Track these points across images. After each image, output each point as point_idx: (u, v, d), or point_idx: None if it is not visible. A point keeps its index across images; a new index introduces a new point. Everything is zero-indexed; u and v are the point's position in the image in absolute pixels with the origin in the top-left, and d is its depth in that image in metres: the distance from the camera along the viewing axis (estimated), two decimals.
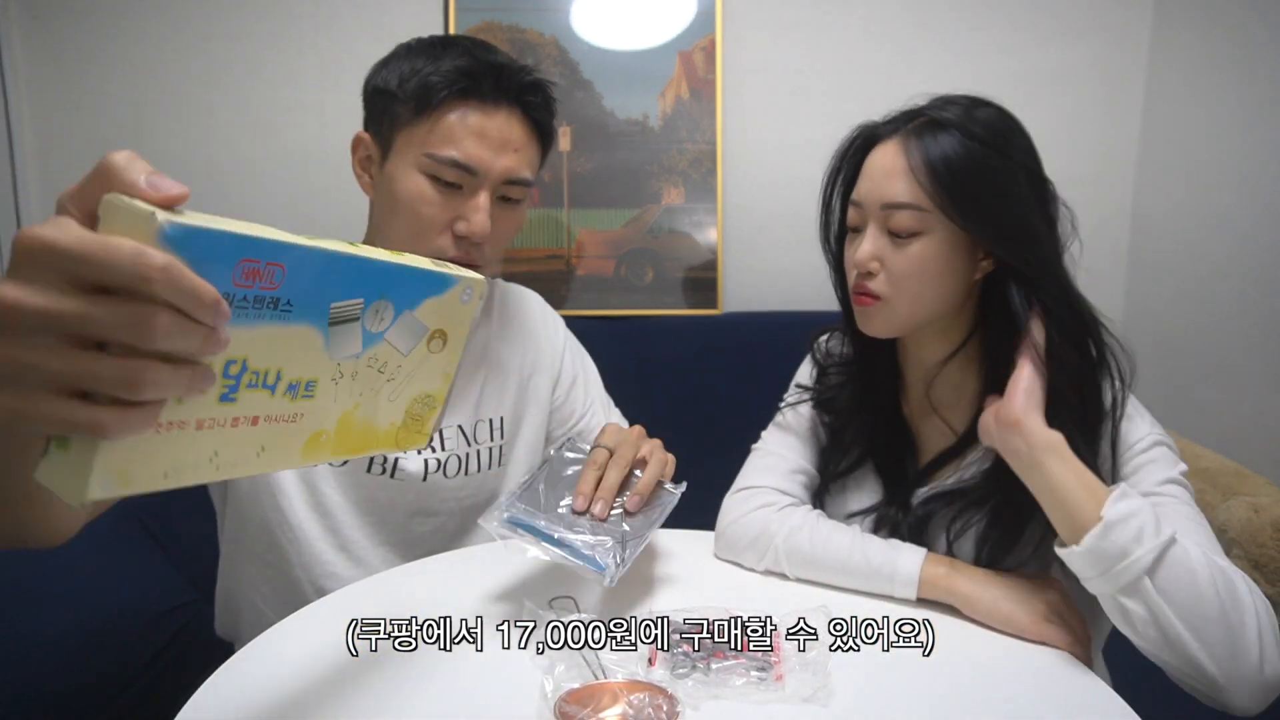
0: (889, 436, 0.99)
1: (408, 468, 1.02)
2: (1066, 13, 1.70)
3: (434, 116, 0.92)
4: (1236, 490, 1.14)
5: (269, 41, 1.70)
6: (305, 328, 0.54)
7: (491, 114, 0.93)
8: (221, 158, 1.73)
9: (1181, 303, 1.61)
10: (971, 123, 0.85)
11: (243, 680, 0.72)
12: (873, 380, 1.00)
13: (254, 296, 0.49)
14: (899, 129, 0.88)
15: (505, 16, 1.70)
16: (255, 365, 0.51)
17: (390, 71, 0.95)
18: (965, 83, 0.96)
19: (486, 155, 0.93)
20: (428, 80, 0.91)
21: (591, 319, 1.71)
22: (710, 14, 1.70)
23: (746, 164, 1.76)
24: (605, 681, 0.68)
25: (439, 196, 0.93)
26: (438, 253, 0.94)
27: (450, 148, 0.92)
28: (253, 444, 0.54)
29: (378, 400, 0.65)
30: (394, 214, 0.95)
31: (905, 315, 0.90)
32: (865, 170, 0.90)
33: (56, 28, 1.68)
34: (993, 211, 0.84)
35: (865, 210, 0.89)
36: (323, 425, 0.60)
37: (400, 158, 0.94)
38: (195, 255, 0.43)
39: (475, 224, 0.93)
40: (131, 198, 0.40)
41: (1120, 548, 0.71)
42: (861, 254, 0.88)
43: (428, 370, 0.67)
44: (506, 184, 0.96)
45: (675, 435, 1.01)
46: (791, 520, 0.92)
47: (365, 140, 1.00)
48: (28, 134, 1.70)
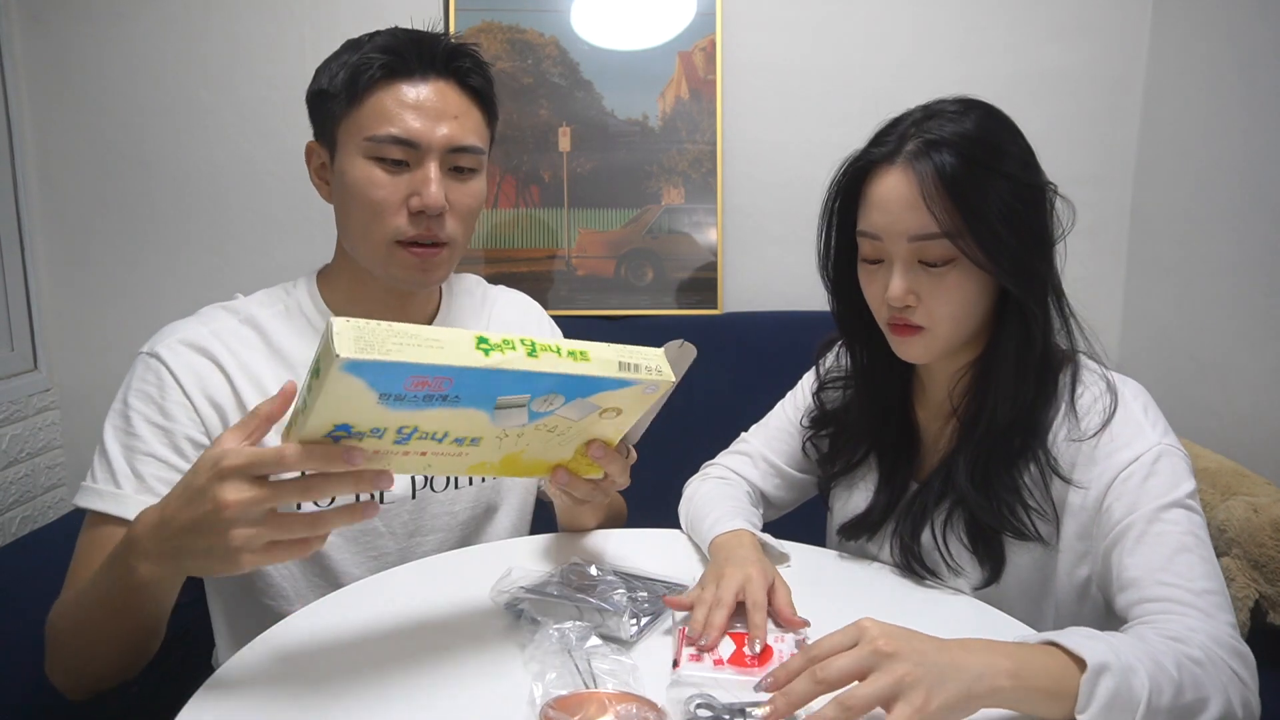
0: (896, 437, 1.00)
1: (394, 490, 1.00)
2: (1066, 13, 1.70)
3: (366, 100, 0.92)
4: (1236, 490, 1.14)
5: (269, 42, 1.70)
6: (472, 410, 0.63)
7: (421, 86, 0.93)
8: (221, 158, 1.73)
9: (1181, 303, 1.61)
10: (965, 140, 0.83)
11: (227, 696, 0.72)
12: (886, 390, 1.00)
13: (424, 395, 0.59)
14: (897, 153, 0.86)
15: (505, 17, 1.70)
16: (424, 430, 0.63)
17: (323, 74, 0.97)
18: (965, 83, 0.96)
19: (424, 126, 0.92)
20: (355, 68, 0.92)
21: (591, 319, 1.71)
22: (710, 14, 1.70)
23: (746, 164, 1.76)
24: (594, 691, 0.67)
25: (387, 177, 0.93)
26: (396, 234, 0.94)
27: (386, 125, 0.92)
28: (421, 464, 0.68)
29: (546, 446, 0.72)
30: (350, 206, 0.95)
31: (947, 341, 0.89)
32: (874, 200, 0.87)
33: (56, 28, 1.68)
34: (1000, 229, 0.83)
35: (886, 244, 0.86)
36: (486, 459, 0.70)
37: (345, 150, 0.95)
38: (372, 378, 0.56)
39: (428, 197, 0.92)
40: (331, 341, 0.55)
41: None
42: (896, 290, 0.86)
43: (601, 427, 0.72)
44: (453, 153, 0.95)
45: (675, 435, 1.01)
46: (703, 488, 1.04)
47: (315, 148, 1.01)
48: (28, 134, 1.70)
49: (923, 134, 0.85)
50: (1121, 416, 0.85)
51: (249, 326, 0.99)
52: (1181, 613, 0.73)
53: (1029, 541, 0.87)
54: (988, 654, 0.64)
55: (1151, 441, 0.83)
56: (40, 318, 1.74)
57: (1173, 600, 0.75)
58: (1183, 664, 0.67)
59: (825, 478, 1.06)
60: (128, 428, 0.91)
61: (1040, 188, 0.87)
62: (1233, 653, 0.71)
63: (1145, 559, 0.78)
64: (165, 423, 0.92)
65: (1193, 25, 1.60)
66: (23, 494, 1.69)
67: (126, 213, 1.74)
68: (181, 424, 0.92)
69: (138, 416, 0.91)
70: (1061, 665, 0.64)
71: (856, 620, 0.65)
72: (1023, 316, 0.87)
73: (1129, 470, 0.82)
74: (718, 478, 1.09)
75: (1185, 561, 0.77)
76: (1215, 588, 0.75)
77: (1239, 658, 0.71)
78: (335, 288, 1.03)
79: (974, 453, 0.89)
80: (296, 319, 1.01)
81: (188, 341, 0.95)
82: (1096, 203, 1.75)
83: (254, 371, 0.96)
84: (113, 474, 0.89)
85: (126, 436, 0.91)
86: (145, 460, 0.90)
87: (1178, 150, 1.64)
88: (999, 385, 0.88)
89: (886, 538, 0.97)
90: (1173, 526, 0.78)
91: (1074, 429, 0.87)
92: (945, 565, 0.91)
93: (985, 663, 0.63)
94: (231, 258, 1.75)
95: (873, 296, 0.91)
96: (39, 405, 1.73)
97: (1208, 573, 0.76)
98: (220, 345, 0.96)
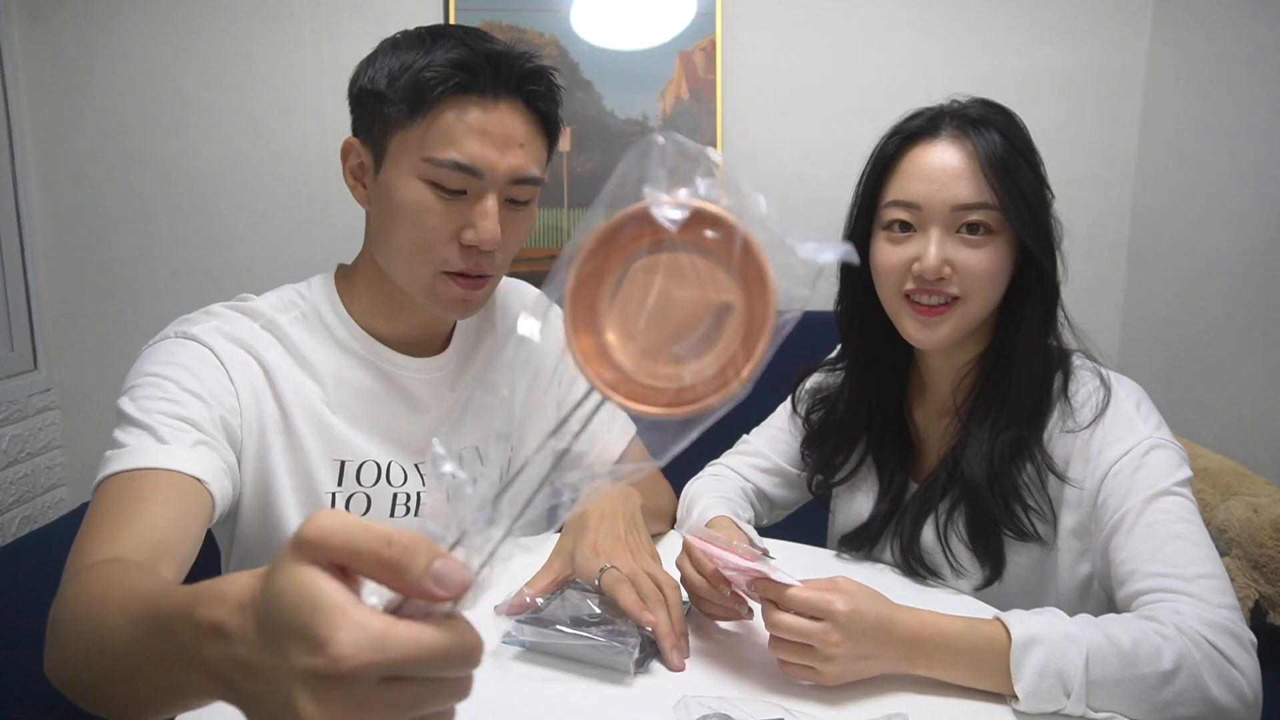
0: (895, 440, 1.00)
1: (430, 500, 0.98)
2: (1066, 13, 1.70)
3: (429, 116, 0.84)
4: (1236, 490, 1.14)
5: (269, 42, 1.70)
6: None
7: (492, 108, 0.85)
8: (221, 158, 1.72)
9: (1181, 303, 1.61)
10: (1007, 125, 0.87)
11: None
12: (885, 392, 1.00)
13: None
14: (939, 128, 0.88)
15: (505, 17, 1.70)
16: None
17: (378, 70, 0.87)
18: (966, 83, 0.96)
19: (490, 154, 0.85)
20: (419, 77, 0.83)
21: None
22: (710, 14, 1.70)
23: (746, 164, 1.75)
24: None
25: (442, 205, 0.85)
26: (443, 265, 0.88)
27: (450, 149, 0.84)
28: None
29: None
30: (394, 226, 0.88)
31: (971, 320, 0.89)
32: (915, 170, 0.88)
33: (56, 28, 1.68)
34: (1035, 211, 0.87)
35: (925, 212, 0.87)
36: None
37: (396, 164, 0.86)
38: None
39: (484, 232, 0.85)
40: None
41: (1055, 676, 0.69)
42: (932, 259, 0.86)
43: None
44: (514, 184, 0.87)
45: None
46: (694, 485, 1.06)
47: (355, 147, 0.91)
48: (28, 134, 1.70)
49: (960, 115, 0.88)
50: (1114, 412, 0.86)
51: (270, 332, 0.92)
52: (1172, 600, 0.74)
53: (1028, 541, 0.87)
54: (923, 628, 0.72)
55: (1143, 435, 0.84)
56: (40, 318, 1.74)
57: (1164, 590, 0.75)
58: (1143, 639, 0.69)
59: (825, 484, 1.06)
60: (163, 394, 0.80)
61: (1046, 186, 0.90)
62: (1221, 631, 0.71)
63: (1137, 549, 0.79)
64: (207, 395, 0.82)
65: (1193, 25, 1.60)
66: (23, 494, 1.69)
67: (126, 212, 1.74)
68: (221, 405, 0.83)
69: (174, 385, 0.81)
70: (1001, 640, 0.70)
71: (834, 581, 0.73)
72: (1044, 300, 0.88)
73: (1120, 464, 0.83)
74: (711, 475, 1.09)
75: (1176, 549, 0.77)
76: (1209, 571, 0.75)
77: (1228, 636, 0.71)
78: (358, 296, 0.96)
79: (981, 445, 0.89)
80: (315, 326, 0.94)
81: (228, 334, 0.88)
82: (1096, 203, 1.75)
83: (291, 377, 0.90)
84: (152, 432, 0.77)
85: (162, 402, 0.79)
86: (185, 427, 0.79)
87: (1178, 150, 1.64)
88: (1023, 372, 0.89)
89: (887, 541, 0.97)
90: (1163, 515, 0.79)
91: (1068, 420, 0.87)
92: (948, 565, 0.91)
93: (915, 641, 0.72)
94: (231, 257, 1.75)
95: (893, 271, 0.89)
96: (39, 405, 1.73)
97: (1201, 557, 0.77)
98: (256, 342, 0.89)
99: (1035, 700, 0.68)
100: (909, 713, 0.68)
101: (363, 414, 0.94)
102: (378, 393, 0.95)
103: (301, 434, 0.90)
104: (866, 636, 0.71)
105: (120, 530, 0.70)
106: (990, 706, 0.71)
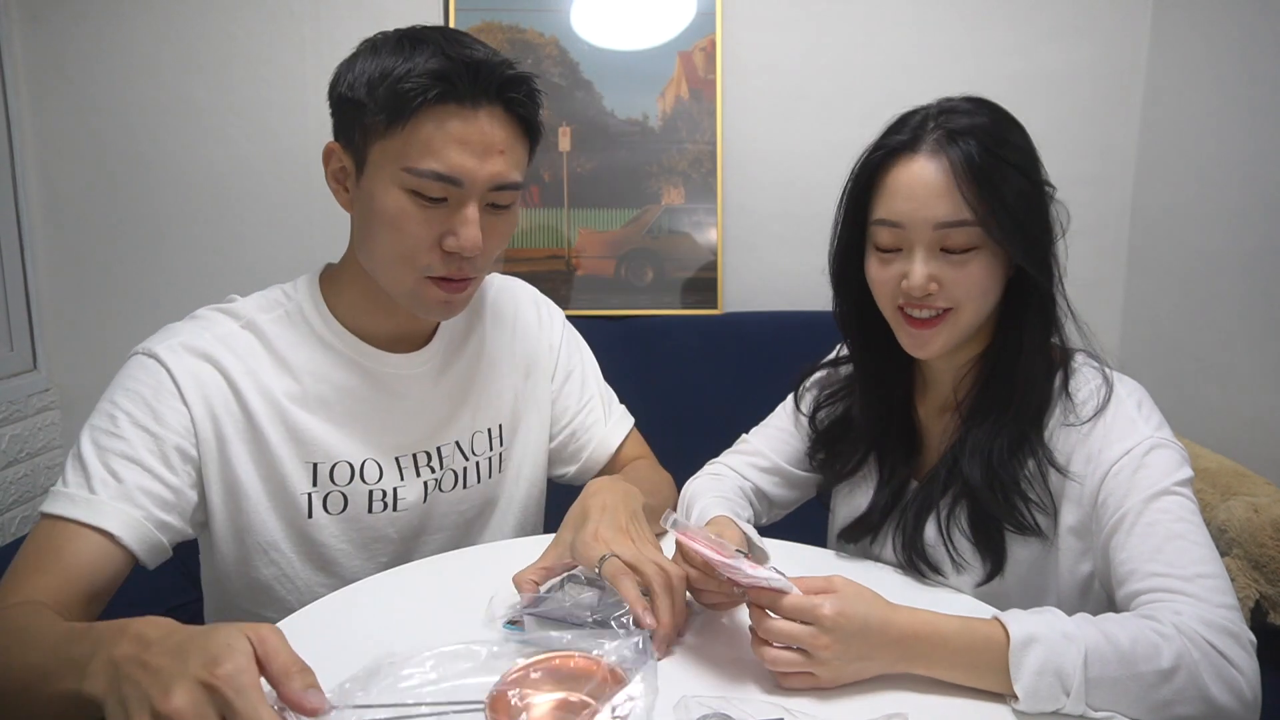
0: (897, 435, 1.00)
1: (408, 496, 0.99)
2: (1066, 13, 1.70)
3: (409, 127, 0.84)
4: (1236, 490, 1.14)
5: (268, 42, 1.70)
6: None
7: (471, 117, 0.85)
8: (222, 158, 1.73)
9: (1181, 303, 1.61)
10: (985, 132, 0.85)
11: None
12: (889, 389, 1.00)
13: None
14: (919, 142, 0.86)
15: (505, 16, 1.70)
16: None
17: (357, 75, 0.87)
18: (966, 83, 0.96)
19: (470, 163, 0.85)
20: (398, 87, 0.83)
21: (591, 319, 1.71)
22: (710, 14, 1.70)
23: (746, 164, 1.76)
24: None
25: (423, 213, 0.86)
26: (426, 270, 0.89)
27: (430, 159, 0.84)
28: None
29: None
30: (376, 233, 0.89)
31: (964, 330, 0.89)
32: (896, 188, 0.87)
33: (56, 28, 1.68)
34: (1021, 220, 0.85)
35: (908, 232, 0.87)
36: None
37: (377, 172, 0.87)
38: None
39: (466, 239, 0.87)
40: None
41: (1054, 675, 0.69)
42: (918, 278, 0.86)
43: None
44: (495, 190, 0.88)
45: (675, 435, 1.01)
46: (694, 485, 1.06)
47: (337, 151, 0.91)
48: (28, 134, 1.70)
49: (942, 126, 0.86)
50: (1115, 412, 0.86)
51: (250, 332, 0.94)
52: (1172, 599, 0.74)
53: (1028, 536, 0.87)
54: (922, 629, 0.72)
55: (1143, 435, 0.84)
56: (40, 318, 1.74)
57: (1164, 589, 0.75)
58: (1141, 637, 0.69)
59: (828, 482, 1.06)
60: (113, 429, 0.85)
61: (1044, 184, 0.89)
62: (1220, 631, 0.71)
63: (1137, 549, 0.79)
64: (156, 428, 0.86)
65: (1193, 25, 1.60)
66: (22, 494, 1.69)
67: (126, 213, 1.74)
68: (173, 432, 0.87)
69: (125, 418, 0.85)
70: (999, 640, 0.70)
71: (830, 580, 0.74)
72: (1041, 305, 0.88)
73: (1120, 464, 0.83)
74: (710, 474, 1.09)
75: (1176, 548, 0.77)
76: (1209, 571, 0.75)
77: (1227, 636, 0.71)
78: (341, 295, 0.97)
79: (981, 443, 0.89)
80: (299, 325, 0.96)
81: (190, 346, 0.90)
82: (1096, 203, 1.75)
83: (261, 380, 0.92)
84: (87, 478, 0.82)
85: (110, 438, 0.85)
86: (128, 466, 0.84)
87: (1178, 150, 1.64)
88: (1025, 373, 0.89)
89: (888, 537, 0.98)
90: (1163, 515, 0.79)
91: (1069, 414, 0.88)
92: (950, 560, 0.91)
93: (911, 642, 0.72)
94: (231, 257, 1.75)
95: (885, 286, 0.90)
96: (39, 405, 1.73)
97: (1200, 557, 0.76)
98: (226, 351, 0.91)
99: (1034, 699, 0.68)
100: (908, 713, 0.67)
101: (341, 411, 0.96)
102: (356, 388, 0.96)
103: (270, 440, 0.92)
104: (857, 638, 0.71)
105: (39, 578, 0.78)
106: (990, 706, 0.71)
